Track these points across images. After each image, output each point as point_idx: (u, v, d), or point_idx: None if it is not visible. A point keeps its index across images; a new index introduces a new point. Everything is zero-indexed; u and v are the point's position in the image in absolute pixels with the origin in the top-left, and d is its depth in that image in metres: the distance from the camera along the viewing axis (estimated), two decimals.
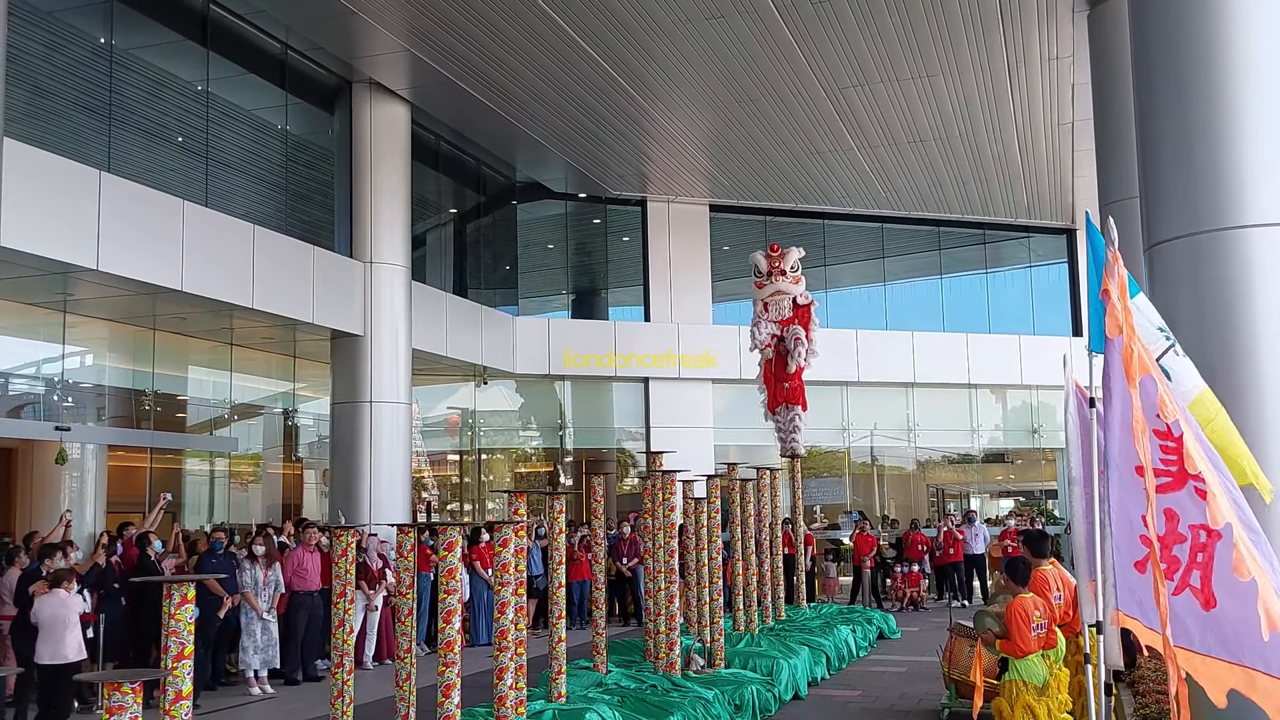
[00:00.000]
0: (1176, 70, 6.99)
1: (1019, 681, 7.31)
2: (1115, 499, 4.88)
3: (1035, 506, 26.71)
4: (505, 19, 14.25)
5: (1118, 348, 4.83)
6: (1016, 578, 7.63)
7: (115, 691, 4.55)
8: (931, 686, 11.29)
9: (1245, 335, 6.47)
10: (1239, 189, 6.61)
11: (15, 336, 14.19)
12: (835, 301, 25.16)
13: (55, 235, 11.72)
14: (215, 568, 11.69)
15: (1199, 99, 6.82)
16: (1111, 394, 4.88)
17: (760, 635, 12.95)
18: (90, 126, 13.28)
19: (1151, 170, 7.20)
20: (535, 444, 24.33)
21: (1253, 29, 6.74)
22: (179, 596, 5.36)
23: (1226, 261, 6.58)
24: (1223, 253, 6.60)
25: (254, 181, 16.10)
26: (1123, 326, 4.81)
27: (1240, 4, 6.81)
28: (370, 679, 12.44)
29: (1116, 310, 4.86)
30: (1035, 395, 26.00)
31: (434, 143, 19.73)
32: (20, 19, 12.01)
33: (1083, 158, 19.63)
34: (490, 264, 22.72)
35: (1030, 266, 26.55)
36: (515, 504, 8.55)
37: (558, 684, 9.08)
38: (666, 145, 19.84)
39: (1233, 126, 6.68)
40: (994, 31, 15.03)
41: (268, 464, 19.58)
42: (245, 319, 15.39)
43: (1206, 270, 6.67)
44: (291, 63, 16.52)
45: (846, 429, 24.96)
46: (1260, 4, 6.79)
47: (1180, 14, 7.04)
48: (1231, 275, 6.56)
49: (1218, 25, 6.80)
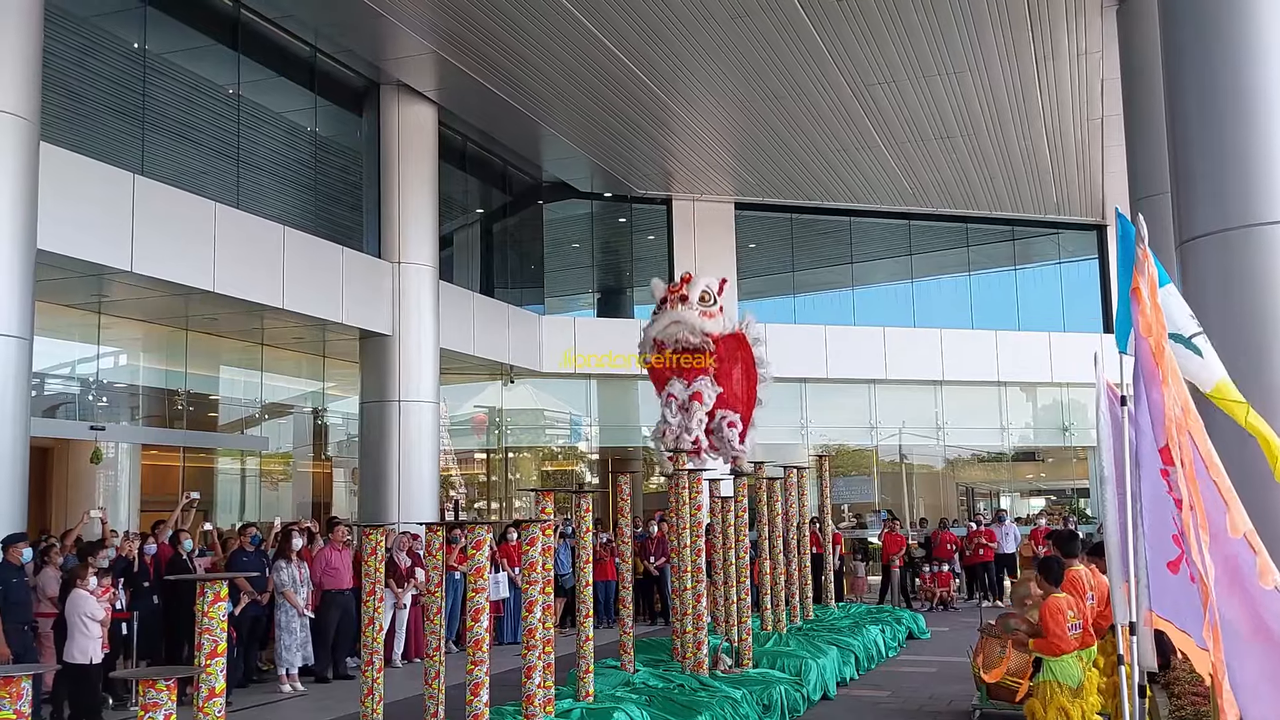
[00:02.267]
0: (1207, 65, 6.94)
1: (1054, 682, 7.24)
2: (1147, 498, 4.84)
3: (1067, 505, 26.52)
4: (531, 20, 14.30)
5: (1148, 347, 4.78)
6: (1050, 577, 7.57)
7: (150, 689, 4.61)
8: (962, 687, 11.22)
9: (1277, 331, 6.42)
10: (1271, 185, 6.56)
11: (51, 337, 14.38)
12: (862, 299, 25.09)
13: (90, 238, 11.89)
14: (245, 566, 11.80)
15: (1230, 94, 6.76)
16: (1139, 393, 4.85)
17: (788, 635, 12.92)
18: (124, 130, 13.45)
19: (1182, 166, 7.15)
20: (562, 442, 24.39)
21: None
22: (212, 594, 5.42)
23: (1258, 257, 6.53)
24: (1255, 249, 6.55)
25: (284, 183, 16.25)
26: (1153, 325, 4.77)
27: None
28: (400, 677, 12.51)
29: (1146, 309, 4.82)
30: (1066, 393, 25.80)
31: (461, 143, 19.82)
32: (56, 25, 12.16)
33: (1113, 153, 19.46)
34: (517, 263, 22.79)
35: (1060, 263, 26.34)
36: (542, 502, 8.58)
37: (585, 683, 9.10)
38: (691, 143, 19.84)
39: (1264, 122, 6.63)
40: (1022, 27, 14.93)
41: (298, 463, 19.75)
42: (276, 319, 15.53)
43: (1238, 266, 6.62)
44: (321, 66, 16.64)
45: (875, 427, 24.87)
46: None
47: (1210, 8, 6.99)
48: (1263, 271, 6.51)
49: (1248, 19, 6.74)
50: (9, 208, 10.16)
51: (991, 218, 25.15)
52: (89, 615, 9.68)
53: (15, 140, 10.25)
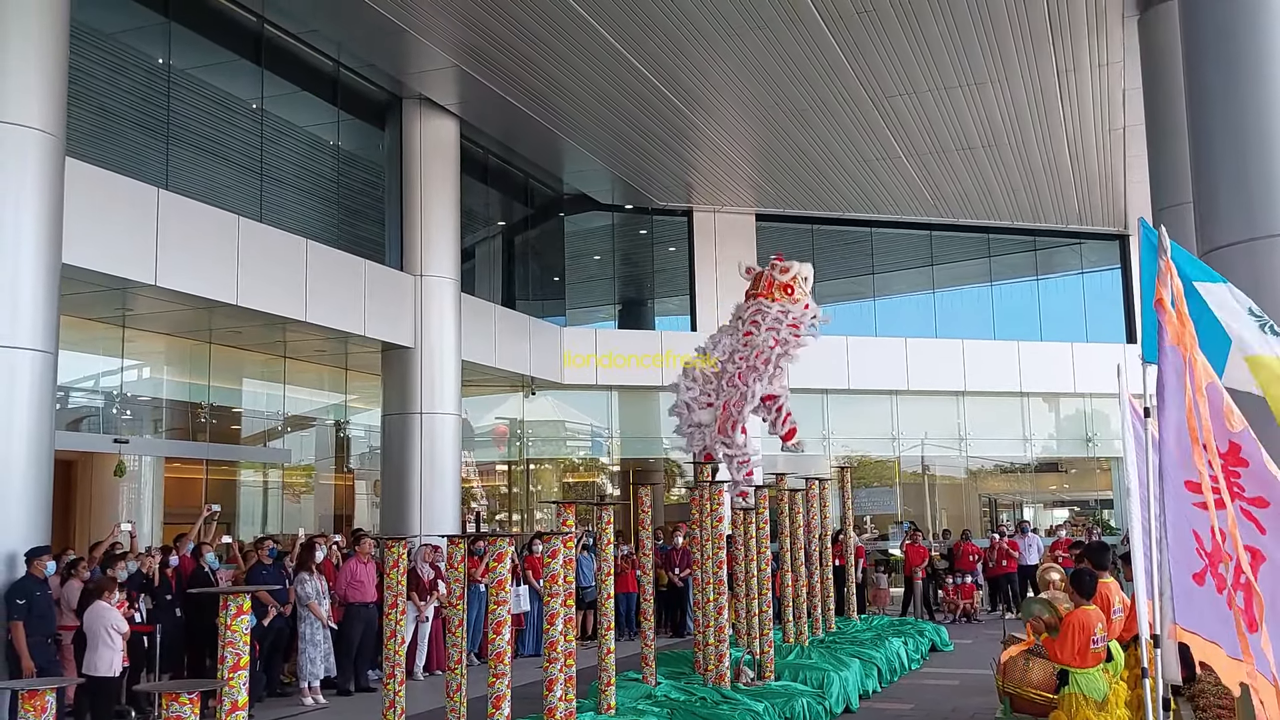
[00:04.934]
0: (1229, 74, 6.89)
1: (1079, 695, 7.19)
2: (1171, 511, 4.80)
3: (1091, 516, 26.32)
4: (552, 34, 14.36)
5: (1173, 357, 4.75)
6: (1082, 590, 7.50)
7: (173, 702, 4.63)
8: (985, 699, 11.14)
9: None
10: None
11: (76, 351, 14.51)
12: (884, 310, 25.02)
13: (115, 252, 11.99)
14: (264, 578, 11.83)
15: (1252, 104, 6.72)
16: (1165, 404, 4.81)
17: (810, 647, 12.87)
18: (149, 145, 13.58)
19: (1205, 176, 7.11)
20: (583, 454, 24.40)
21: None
22: (234, 607, 5.44)
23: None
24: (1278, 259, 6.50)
25: (307, 197, 16.35)
26: (1180, 335, 4.73)
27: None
28: (421, 690, 12.53)
29: (1172, 319, 4.78)
30: (1089, 403, 25.64)
31: (483, 156, 19.91)
32: (82, 42, 12.31)
33: (1134, 163, 19.36)
34: (538, 275, 22.85)
35: (1082, 273, 26.21)
36: (564, 514, 8.58)
37: (607, 695, 9.09)
38: (712, 155, 19.86)
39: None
40: (1043, 38, 14.89)
41: (320, 475, 19.83)
42: (298, 332, 15.62)
43: (1264, 276, 6.57)
44: (343, 80, 16.77)
45: (897, 438, 24.77)
46: None
47: (1232, 18, 6.95)
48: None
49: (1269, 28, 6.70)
50: (35, 222, 10.26)
51: (1013, 228, 25.05)
52: (114, 627, 9.74)
53: (41, 155, 10.35)
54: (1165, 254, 4.94)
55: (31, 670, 9.36)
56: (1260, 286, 6.58)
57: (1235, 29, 6.90)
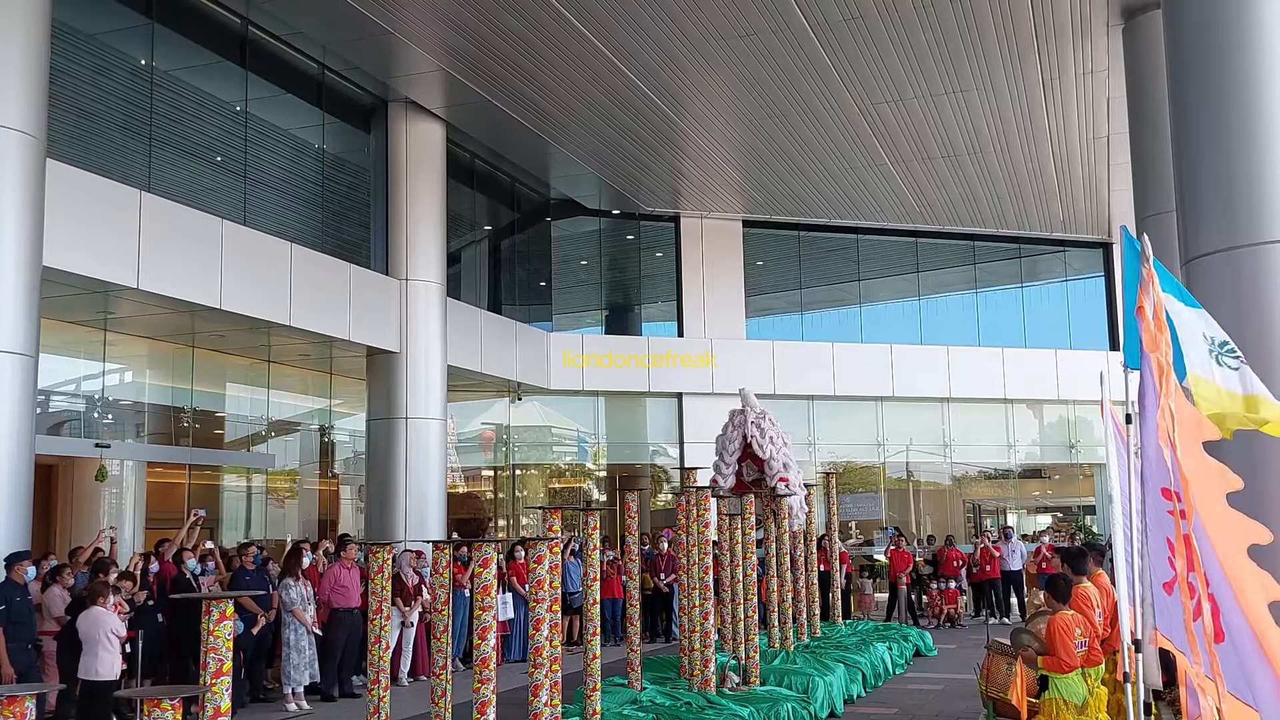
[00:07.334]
0: (1213, 83, 6.94)
1: (1059, 700, 7.23)
2: (1150, 519, 4.83)
3: (1074, 522, 26.42)
4: (539, 38, 14.36)
5: (1151, 364, 4.78)
6: (1057, 595, 7.56)
7: (155, 708, 4.60)
8: (969, 704, 11.17)
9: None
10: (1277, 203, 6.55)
11: (57, 354, 14.41)
12: (870, 316, 25.08)
13: (96, 254, 11.92)
14: (249, 584, 11.77)
15: (1235, 113, 6.77)
16: (1146, 410, 4.83)
17: (795, 652, 12.88)
18: (131, 147, 13.51)
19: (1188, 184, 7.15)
20: (569, 459, 24.37)
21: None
22: (217, 613, 5.41)
23: (1265, 276, 6.52)
24: (1260, 267, 6.54)
25: (291, 200, 16.30)
26: (1157, 342, 4.77)
27: (1277, 17, 6.76)
28: (406, 695, 12.48)
29: (1150, 326, 4.82)
30: (1073, 410, 25.77)
31: (469, 160, 19.89)
32: (63, 42, 12.24)
33: (1118, 171, 19.48)
34: (525, 280, 22.83)
35: (1066, 280, 26.35)
36: (550, 520, 8.56)
37: (592, 701, 9.06)
38: (700, 161, 19.88)
39: (1270, 139, 6.63)
40: (1028, 47, 14.96)
41: (304, 480, 19.75)
42: (283, 336, 15.56)
43: (1245, 284, 6.61)
44: (328, 83, 16.72)
45: (882, 444, 24.83)
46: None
47: (1217, 27, 7.00)
48: (1269, 289, 6.49)
49: (1254, 37, 6.75)
50: (15, 224, 10.20)
51: (998, 235, 25.19)
52: (113, 631, 9.67)
53: (22, 157, 10.29)
54: (1148, 262, 4.97)
55: (12, 676, 9.29)
56: (1241, 294, 6.63)
57: (1219, 39, 6.95)
